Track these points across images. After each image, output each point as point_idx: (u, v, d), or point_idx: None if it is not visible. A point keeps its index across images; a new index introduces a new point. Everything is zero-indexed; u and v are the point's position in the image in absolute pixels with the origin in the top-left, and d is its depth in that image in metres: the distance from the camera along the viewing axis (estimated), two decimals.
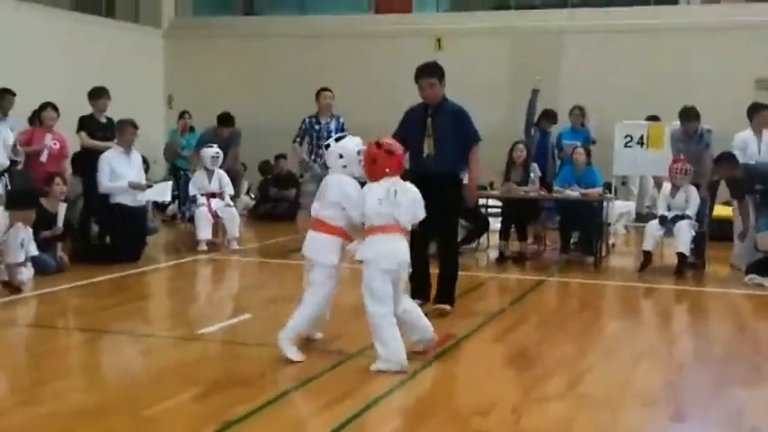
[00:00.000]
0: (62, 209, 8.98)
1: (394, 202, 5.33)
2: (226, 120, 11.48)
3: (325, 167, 10.25)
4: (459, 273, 7.17)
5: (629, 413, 4.76)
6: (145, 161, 10.78)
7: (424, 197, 5.62)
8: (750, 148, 9.49)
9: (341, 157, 5.64)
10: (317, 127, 10.41)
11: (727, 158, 9.01)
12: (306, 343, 5.68)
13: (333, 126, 10.43)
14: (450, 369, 5.54)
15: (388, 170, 5.40)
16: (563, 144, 11.41)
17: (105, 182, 9.48)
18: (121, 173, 9.47)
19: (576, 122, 11.76)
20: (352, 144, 5.69)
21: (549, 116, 11.37)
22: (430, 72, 6.84)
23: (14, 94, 10.14)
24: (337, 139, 5.80)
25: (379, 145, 5.46)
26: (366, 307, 5.29)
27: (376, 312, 5.24)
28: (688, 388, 5.33)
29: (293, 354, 5.40)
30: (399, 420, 4.47)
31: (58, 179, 8.95)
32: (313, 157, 10.40)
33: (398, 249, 5.35)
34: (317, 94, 10.56)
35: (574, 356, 5.91)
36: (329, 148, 5.75)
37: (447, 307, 6.89)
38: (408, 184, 5.51)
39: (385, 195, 5.34)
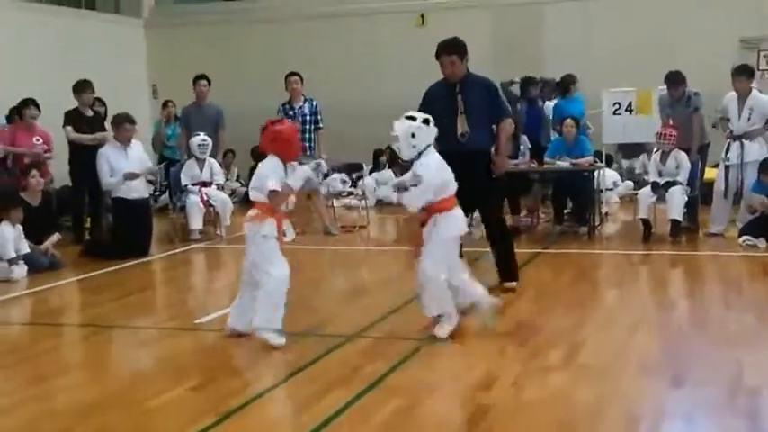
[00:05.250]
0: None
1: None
2: (199, 76, 11.38)
3: (303, 152, 10.38)
4: None
5: (629, 381, 4.76)
6: None
7: (460, 175, 5.59)
8: (731, 113, 9.37)
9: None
10: (291, 113, 10.41)
11: None
12: (300, 328, 5.66)
13: (307, 109, 10.42)
14: (449, 346, 5.50)
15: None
16: (572, 115, 10.91)
17: (106, 178, 9.22)
18: (119, 168, 9.20)
19: (572, 90, 11.46)
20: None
21: (530, 83, 11.13)
22: (450, 49, 6.70)
23: None
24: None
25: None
26: None
27: None
28: (686, 353, 5.33)
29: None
30: (400, 400, 4.44)
31: (33, 171, 8.87)
32: None
33: None
34: (285, 80, 10.54)
35: (572, 327, 5.90)
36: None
37: (513, 284, 6.89)
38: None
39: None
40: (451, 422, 4.14)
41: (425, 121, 5.42)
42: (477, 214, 7.35)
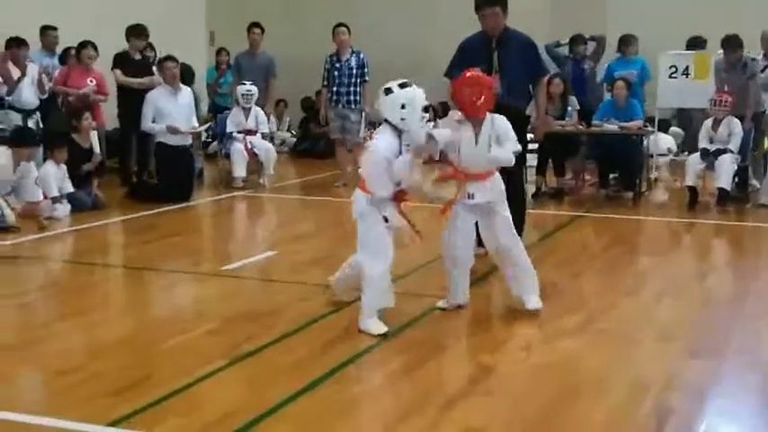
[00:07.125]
0: (95, 138, 9.16)
1: None
2: (254, 24, 11.35)
3: (347, 104, 10.36)
4: None
5: (644, 348, 4.69)
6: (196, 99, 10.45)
7: None
8: None
9: (403, 107, 4.80)
10: (337, 65, 10.36)
11: None
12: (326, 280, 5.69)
13: (353, 63, 10.34)
14: (466, 307, 5.44)
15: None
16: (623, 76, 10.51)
17: (146, 122, 9.41)
18: (168, 112, 9.35)
19: (630, 51, 11.16)
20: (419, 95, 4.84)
21: (578, 41, 10.88)
22: (493, 0, 6.37)
23: (55, 29, 10.33)
24: (402, 86, 4.84)
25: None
26: None
27: None
28: (708, 325, 5.20)
29: None
30: (406, 356, 4.45)
31: (86, 113, 9.03)
32: (335, 96, 10.33)
33: None
34: (333, 31, 10.46)
35: (598, 292, 5.84)
36: (391, 95, 4.81)
37: None
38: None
39: None
40: (450, 381, 4.14)
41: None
42: None
